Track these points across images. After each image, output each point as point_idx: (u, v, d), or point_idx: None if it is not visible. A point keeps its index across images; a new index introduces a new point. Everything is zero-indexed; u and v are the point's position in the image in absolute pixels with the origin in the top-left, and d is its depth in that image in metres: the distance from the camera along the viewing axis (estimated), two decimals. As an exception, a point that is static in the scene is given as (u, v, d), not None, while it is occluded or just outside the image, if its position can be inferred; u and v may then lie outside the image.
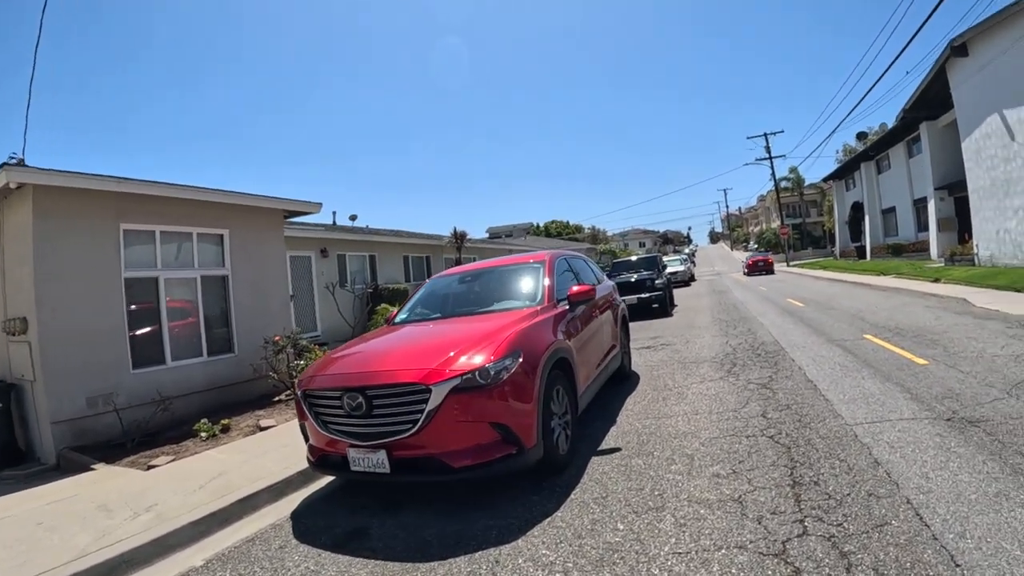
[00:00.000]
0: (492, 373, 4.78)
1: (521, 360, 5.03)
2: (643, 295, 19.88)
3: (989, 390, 6.60)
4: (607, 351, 8.13)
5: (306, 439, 5.46)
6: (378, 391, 4.79)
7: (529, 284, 7.04)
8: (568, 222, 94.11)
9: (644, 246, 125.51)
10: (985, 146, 22.19)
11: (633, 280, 20.51)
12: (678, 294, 29.77)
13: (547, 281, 6.89)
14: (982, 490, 4.06)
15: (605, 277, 10.14)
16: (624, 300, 19.58)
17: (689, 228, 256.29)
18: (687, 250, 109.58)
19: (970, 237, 24.49)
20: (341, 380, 5.07)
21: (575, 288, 6.88)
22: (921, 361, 8.43)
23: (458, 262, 26.15)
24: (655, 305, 19.91)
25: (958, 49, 22.53)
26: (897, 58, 27.50)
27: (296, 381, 6.01)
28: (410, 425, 4.64)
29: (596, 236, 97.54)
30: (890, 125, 37.21)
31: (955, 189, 28.56)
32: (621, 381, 9.19)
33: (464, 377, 4.69)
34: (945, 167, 29.12)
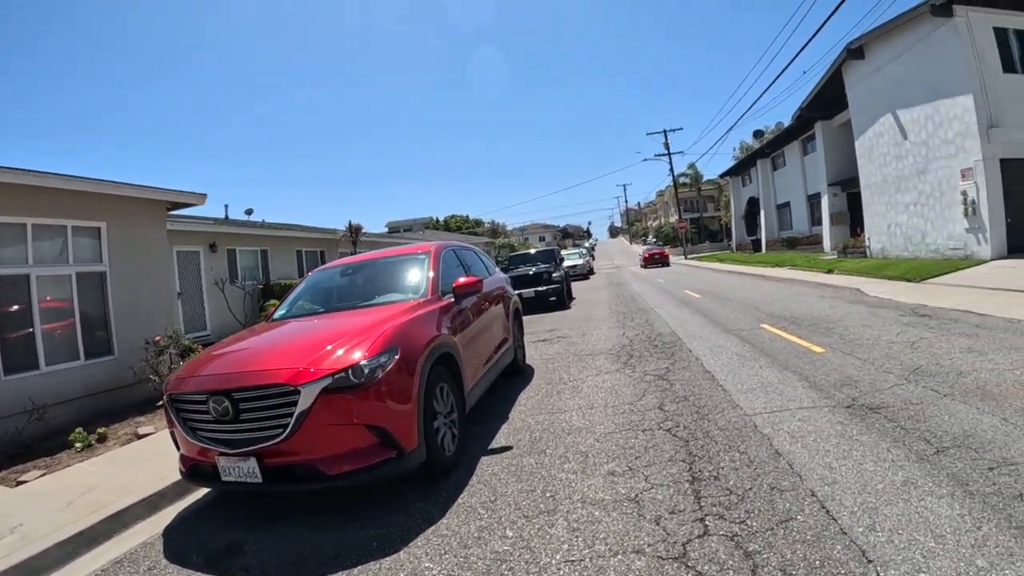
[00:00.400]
0: (366, 371, 4.47)
1: (399, 357, 4.73)
2: (540, 288, 19.91)
3: (887, 376, 6.68)
4: (498, 345, 7.84)
5: (177, 447, 5.08)
6: (245, 394, 4.46)
7: (412, 276, 6.71)
8: (468, 216, 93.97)
9: (544, 240, 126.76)
10: (878, 144, 23.45)
11: (530, 273, 20.54)
12: (577, 287, 29.99)
13: (431, 273, 6.55)
14: (888, 479, 3.95)
15: (497, 270, 9.86)
16: (521, 293, 19.49)
17: (589, 223, 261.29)
18: (587, 244, 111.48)
19: (862, 231, 25.81)
20: (207, 383, 4.73)
21: (461, 280, 6.56)
22: (818, 349, 8.54)
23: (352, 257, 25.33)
24: (552, 298, 20.00)
25: (855, 52, 23.81)
26: (793, 59, 29.29)
27: (164, 384, 5.43)
28: (280, 430, 4.33)
29: (496, 230, 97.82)
30: (786, 124, 39.00)
31: (847, 185, 30.19)
32: (514, 375, 8.92)
33: (336, 376, 4.39)
34: (838, 164, 30.80)
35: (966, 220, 18.31)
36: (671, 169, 62.31)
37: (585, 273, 42.14)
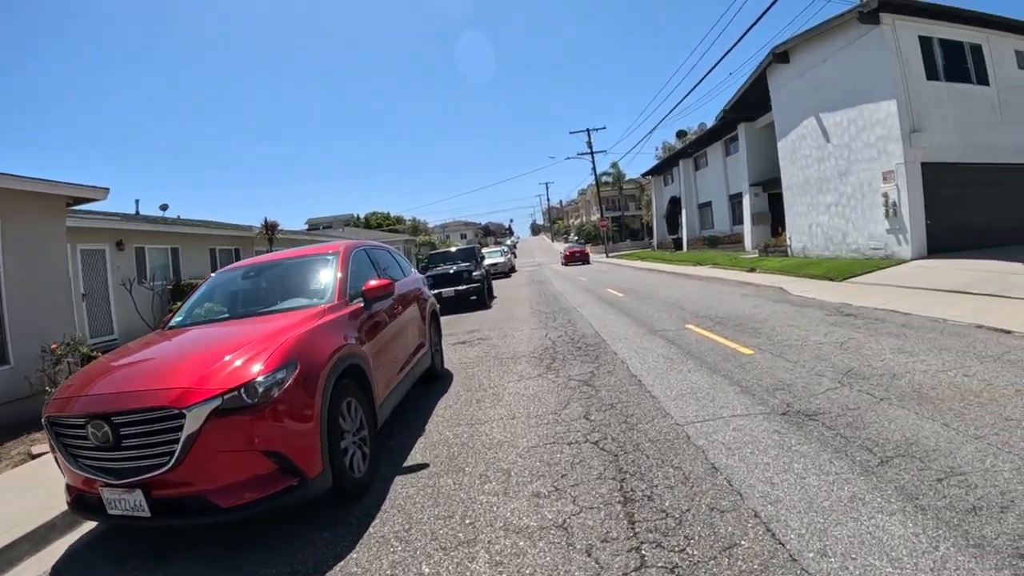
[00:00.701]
0: (261, 390, 4.04)
1: (298, 371, 4.29)
2: (460, 287, 19.68)
3: (820, 379, 6.60)
4: (414, 351, 7.47)
5: (63, 474, 4.57)
6: (126, 418, 3.99)
7: (318, 279, 6.25)
8: (389, 213, 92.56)
9: (465, 238, 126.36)
10: (800, 146, 24.09)
11: (450, 272, 20.30)
12: (498, 285, 29.82)
13: (339, 275, 6.11)
14: (835, 495, 3.76)
15: (414, 270, 9.46)
16: (441, 293, 19.24)
17: (511, 220, 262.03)
18: (508, 242, 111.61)
19: (783, 230, 26.45)
20: (85, 405, 4.21)
21: (372, 283, 6.16)
22: (747, 351, 8.47)
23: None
24: (473, 297, 19.84)
25: (780, 56, 24.47)
26: (720, 61, 29.60)
27: (44, 404, 4.80)
28: (167, 458, 3.89)
29: (417, 228, 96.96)
30: (709, 125, 39.74)
31: (769, 186, 31.00)
32: (432, 382, 8.57)
33: (226, 396, 3.95)
34: (760, 165, 31.69)
35: (887, 221, 18.86)
36: (593, 168, 62.97)
37: (507, 271, 42.09)
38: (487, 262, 41.07)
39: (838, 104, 21.21)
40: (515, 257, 65.31)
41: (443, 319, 18.06)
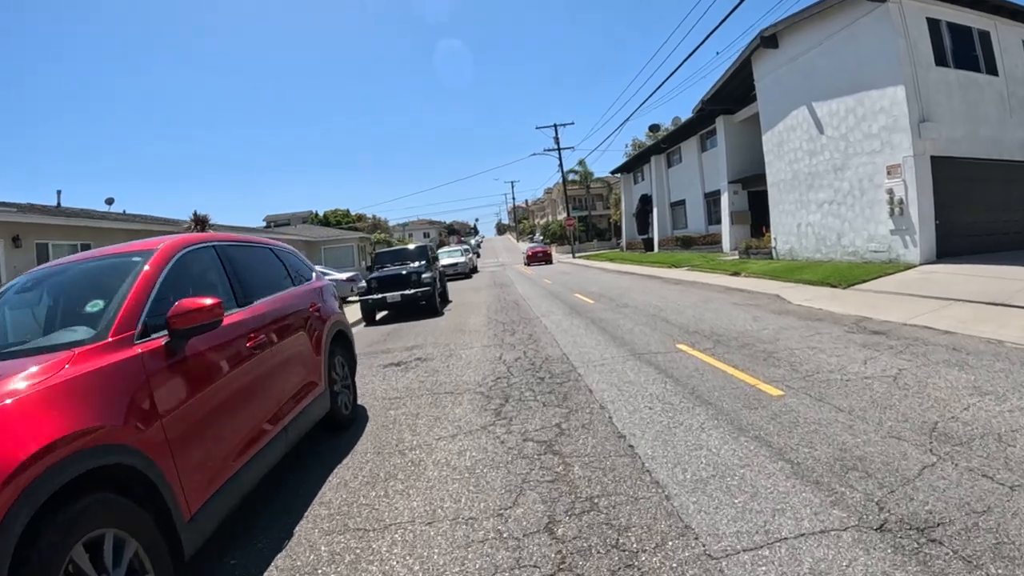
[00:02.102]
0: None
1: None
2: (408, 292, 17.40)
3: (902, 446, 4.35)
4: (293, 397, 5.01)
5: None
6: None
7: (99, 296, 3.70)
8: (348, 211, 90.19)
9: (428, 236, 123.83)
10: (789, 139, 22.00)
11: (397, 274, 18.01)
12: (457, 287, 27.88)
13: (132, 291, 3.60)
14: None
15: (315, 276, 6.85)
16: (386, 298, 16.67)
17: (476, 220, 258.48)
18: (473, 241, 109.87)
19: (767, 230, 24.41)
20: None
21: (188, 305, 3.53)
22: (772, 390, 6.15)
23: None
24: (423, 303, 17.60)
25: (768, 40, 22.24)
26: (695, 51, 27.16)
27: None
28: None
29: (377, 225, 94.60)
30: (684, 119, 37.43)
31: (750, 183, 29.02)
32: (332, 433, 6.17)
33: None
34: (740, 161, 29.65)
35: (891, 221, 16.80)
36: (560, 165, 60.89)
37: (467, 272, 39.93)
38: (445, 262, 38.87)
39: (834, 92, 19.10)
40: (478, 257, 63.30)
41: (384, 329, 16.05)
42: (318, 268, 28.87)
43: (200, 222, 22.27)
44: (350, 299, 22.67)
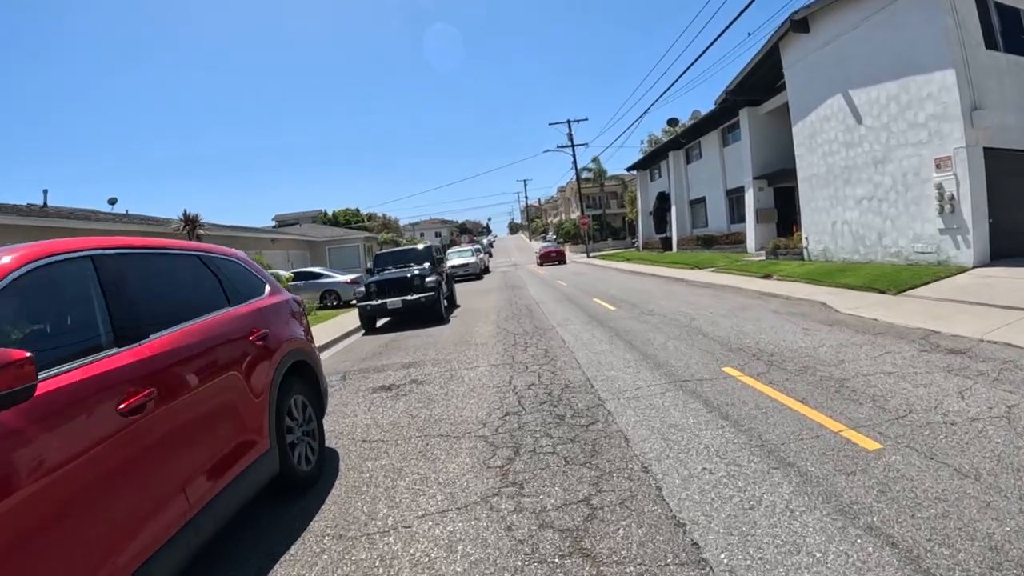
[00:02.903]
0: None
1: None
2: (409, 297, 15.95)
3: None
4: (210, 472, 3.53)
5: None
6: None
7: None
8: (358, 210, 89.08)
9: (440, 236, 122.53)
10: (822, 130, 20.39)
11: (397, 278, 16.59)
12: (467, 289, 26.60)
13: None
14: None
15: (268, 289, 5.33)
16: (386, 304, 15.14)
17: (489, 219, 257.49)
18: (485, 240, 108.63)
19: (798, 228, 22.82)
20: None
21: None
22: (866, 441, 4.67)
23: None
24: (427, 309, 16.13)
25: (798, 24, 20.61)
26: (724, 31, 25.13)
27: None
28: None
29: (387, 224, 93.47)
30: (703, 113, 35.73)
31: (776, 179, 27.46)
32: (285, 497, 4.74)
33: None
34: (765, 156, 27.96)
35: (940, 219, 15.20)
36: (574, 161, 59.21)
37: (478, 273, 38.46)
38: (455, 262, 37.44)
39: (874, 78, 17.48)
40: (491, 257, 62.00)
41: (383, 339, 14.36)
42: (318, 269, 27.24)
43: (190, 222, 20.96)
44: (352, 303, 21.26)
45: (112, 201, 26.87)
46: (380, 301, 15.90)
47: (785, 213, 27.67)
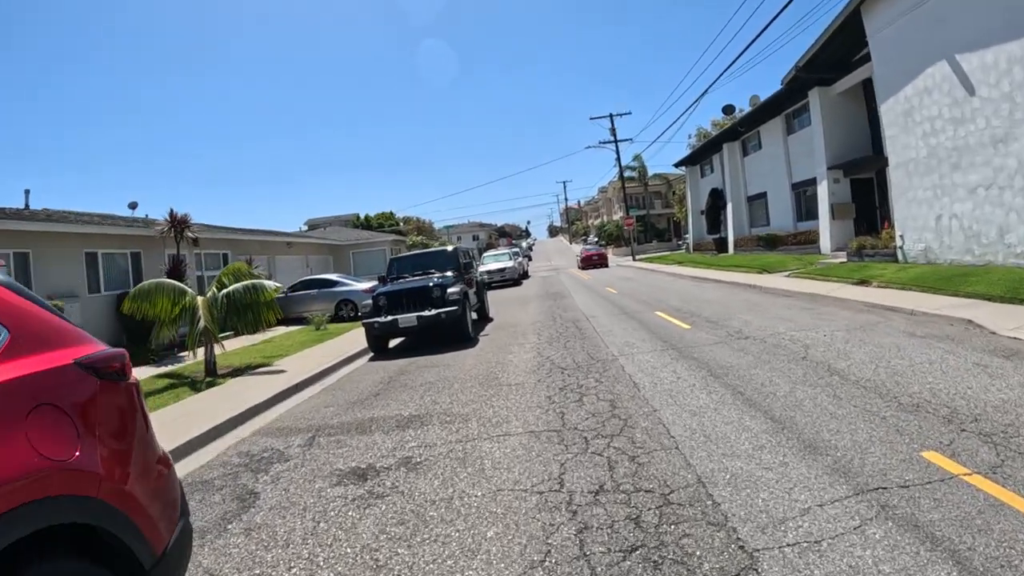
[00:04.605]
0: None
1: None
2: (427, 313, 12.77)
3: None
4: None
5: None
6: None
7: None
8: (392, 213, 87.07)
9: (477, 239, 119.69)
10: (921, 105, 16.88)
11: (414, 289, 13.48)
12: (504, 297, 23.76)
13: None
14: None
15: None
16: (398, 321, 12.43)
17: (528, 222, 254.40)
18: (524, 243, 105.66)
19: (888, 225, 19.41)
20: None
21: None
22: None
23: (176, 261, 17.93)
24: (448, 327, 13.01)
25: (886, -19, 17.24)
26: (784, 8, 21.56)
27: None
28: None
29: (422, 228, 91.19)
30: (763, 98, 31.89)
31: (852, 169, 23.96)
32: None
33: None
34: (839, 143, 24.38)
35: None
36: (617, 158, 55.38)
37: (516, 278, 35.36)
38: (491, 267, 34.32)
39: (986, 38, 14.09)
40: (529, 261, 58.83)
41: (389, 368, 12.20)
42: (333, 276, 24.18)
43: (179, 223, 18.24)
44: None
45: (132, 205, 24.86)
46: (390, 318, 12.84)
47: (864, 208, 24.15)
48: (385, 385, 9.61)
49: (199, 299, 12.07)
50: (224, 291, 12.53)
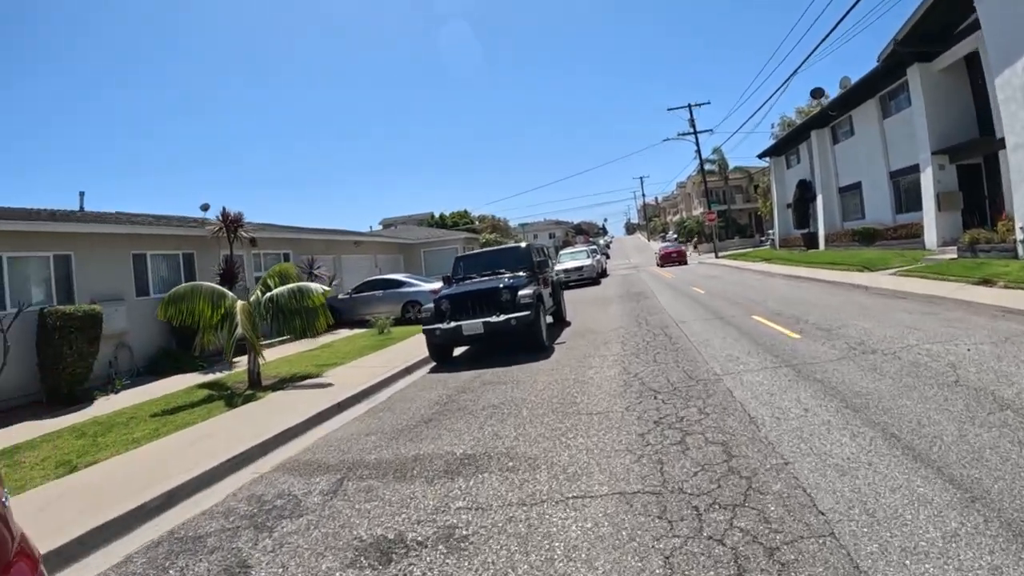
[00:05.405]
0: None
1: None
2: (495, 319, 11.49)
3: None
4: None
5: None
6: None
7: None
8: (467, 211, 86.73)
9: (553, 237, 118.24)
10: (1047, 76, 14.87)
11: (481, 291, 12.22)
12: (582, 297, 22.48)
13: None
14: None
15: None
16: (462, 327, 11.60)
17: (605, 219, 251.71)
18: (602, 241, 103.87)
19: (1004, 215, 17.30)
20: None
21: None
22: None
23: (229, 262, 17.40)
24: (520, 335, 11.71)
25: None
26: None
27: None
28: None
29: (496, 226, 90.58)
30: (854, 80, 29.53)
31: (959, 153, 21.66)
32: None
33: None
34: (943, 125, 22.02)
35: None
36: (697, 150, 52.96)
37: (595, 276, 33.87)
38: (568, 265, 32.75)
39: None
40: (608, 258, 57.30)
41: (449, 383, 12.53)
42: (400, 276, 22.88)
43: (231, 222, 17.58)
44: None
45: (204, 207, 24.79)
46: (453, 324, 11.64)
47: (971, 197, 21.84)
48: (441, 407, 8.43)
49: (238, 304, 11.25)
50: (268, 295, 11.71)
